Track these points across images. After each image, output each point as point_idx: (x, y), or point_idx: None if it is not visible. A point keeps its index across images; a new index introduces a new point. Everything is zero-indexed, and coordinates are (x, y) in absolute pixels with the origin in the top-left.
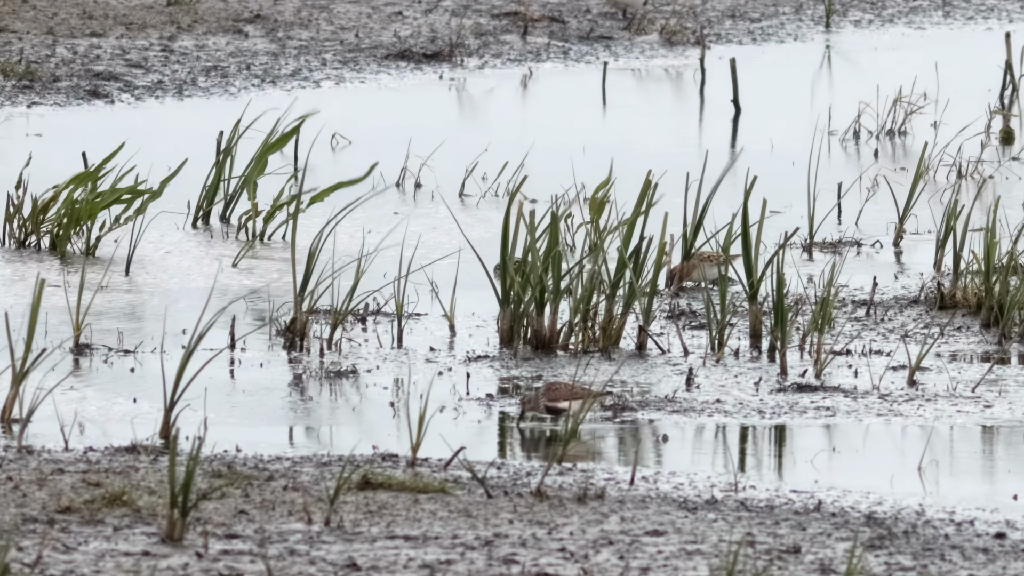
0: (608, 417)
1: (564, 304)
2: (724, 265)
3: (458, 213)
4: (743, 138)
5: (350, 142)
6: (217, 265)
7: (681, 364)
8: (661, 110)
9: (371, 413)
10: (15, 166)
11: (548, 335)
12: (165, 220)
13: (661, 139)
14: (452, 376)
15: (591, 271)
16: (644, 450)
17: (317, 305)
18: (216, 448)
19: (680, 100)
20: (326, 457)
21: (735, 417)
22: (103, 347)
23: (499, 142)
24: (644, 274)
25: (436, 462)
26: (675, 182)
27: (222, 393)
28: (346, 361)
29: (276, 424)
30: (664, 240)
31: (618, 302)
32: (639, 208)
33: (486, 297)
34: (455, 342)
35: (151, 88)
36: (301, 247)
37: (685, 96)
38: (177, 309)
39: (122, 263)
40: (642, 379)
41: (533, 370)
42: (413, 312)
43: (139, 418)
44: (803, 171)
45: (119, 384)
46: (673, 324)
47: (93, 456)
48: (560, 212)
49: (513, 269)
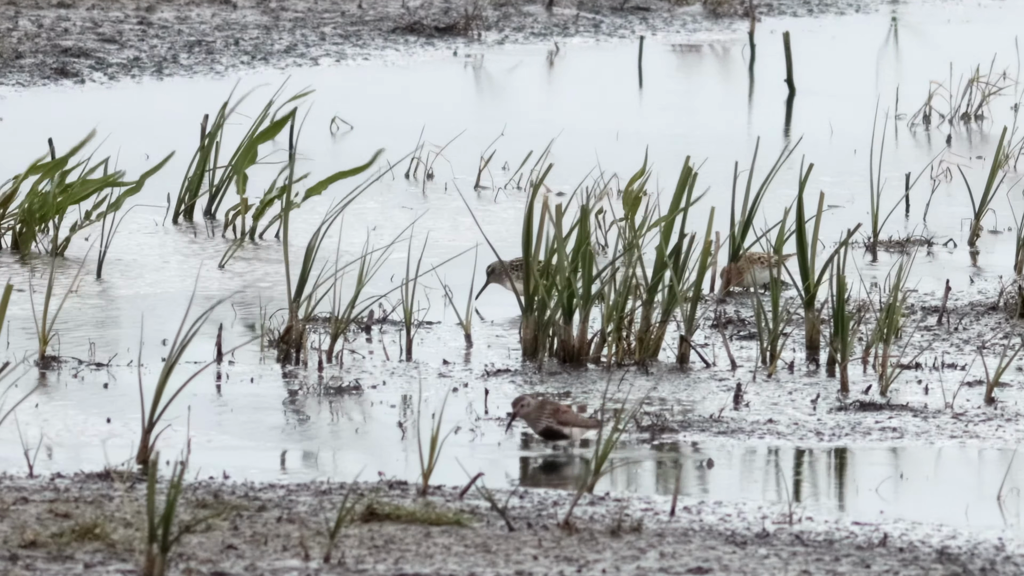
0: (645, 439)
1: (595, 311)
2: (777, 267)
3: (474, 207)
4: (798, 122)
5: (352, 127)
6: (202, 266)
7: (728, 379)
8: (705, 91)
9: (376, 435)
10: None
11: (577, 346)
12: (142, 215)
13: (705, 124)
14: (468, 393)
15: (626, 273)
16: (686, 477)
17: (315, 312)
18: (201, 474)
19: (727, 80)
20: (326, 485)
21: (789, 439)
22: (73, 360)
23: (521, 127)
24: (686, 277)
25: (450, 490)
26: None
27: (208, 412)
28: (348, 376)
29: (269, 447)
30: (709, 238)
31: (656, 309)
32: (680, 202)
33: (506, 303)
34: (472, 354)
35: (127, 66)
36: (296, 246)
37: (732, 75)
38: (156, 317)
39: (94, 265)
40: (684, 396)
41: (560, 385)
42: (424, 320)
43: (113, 440)
44: (866, 160)
45: (91, 402)
46: (719, 334)
47: (61, 483)
48: (590, 206)
49: (537, 271)
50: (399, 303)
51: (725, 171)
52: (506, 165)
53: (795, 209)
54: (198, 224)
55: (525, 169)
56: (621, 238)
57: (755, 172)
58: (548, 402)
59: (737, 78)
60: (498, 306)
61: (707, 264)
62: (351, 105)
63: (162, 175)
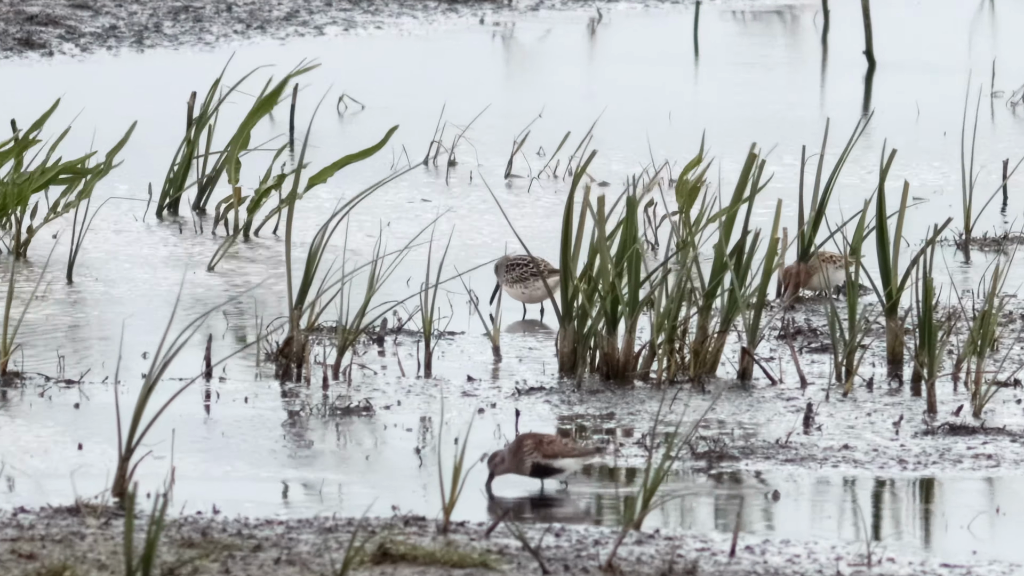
0: (701, 468)
1: (643, 320)
2: (854, 268)
3: (504, 199)
4: (878, 101)
5: (362, 107)
6: (188, 268)
7: (797, 398)
8: (771, 64)
9: (390, 463)
10: None
11: (622, 360)
12: (119, 208)
13: (771, 103)
14: (496, 414)
15: (679, 276)
16: (748, 511)
17: (320, 321)
18: (187, 508)
19: (796, 51)
20: (331, 521)
21: (868, 468)
22: (38, 376)
23: (558, 107)
24: (749, 280)
25: (475, 527)
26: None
27: (195, 436)
28: (358, 394)
29: (266, 477)
30: (775, 235)
31: (714, 317)
32: (742, 193)
33: (541, 309)
34: (500, 369)
35: (102, 36)
36: (299, 244)
37: (803, 46)
38: (135, 326)
39: (63, 266)
40: (746, 418)
41: (603, 406)
42: (446, 330)
43: (86, 469)
44: (957, 144)
45: (59, 424)
46: (787, 346)
47: (25, 519)
48: (638, 198)
49: (577, 274)
50: (416, 311)
51: (793, 157)
52: (541, 150)
53: (875, 201)
54: (184, 219)
55: (563, 155)
56: (674, 235)
57: (828, 158)
58: (527, 437)
59: (808, 49)
60: (532, 312)
61: (773, 265)
62: (361, 81)
63: (143, 162)
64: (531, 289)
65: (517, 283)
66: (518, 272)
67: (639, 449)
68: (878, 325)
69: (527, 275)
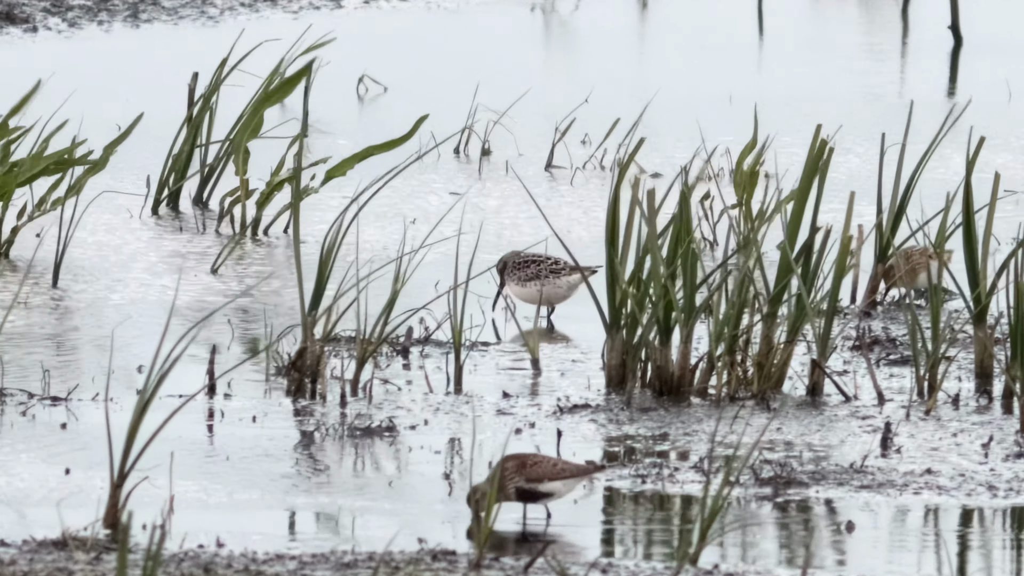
0: (766, 495)
1: (700, 328)
2: (938, 269)
3: (543, 193)
4: (965, 82)
5: (385, 89)
6: (189, 270)
7: (874, 417)
8: (845, 41)
9: (416, 490)
10: None
11: (677, 374)
12: (112, 204)
13: (844, 84)
14: (536, 435)
15: (740, 279)
16: (819, 543)
17: (336, 330)
18: (187, 541)
19: (873, 27)
20: (349, 555)
21: (953, 495)
22: (20, 392)
23: (604, 90)
24: (819, 283)
25: (512, 563)
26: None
27: (196, 460)
28: (379, 412)
29: (276, 506)
30: (848, 233)
31: (780, 325)
32: (810, 185)
33: (586, 317)
34: (540, 384)
35: (92, 9)
36: (312, 244)
37: (880, 21)
38: (129, 336)
39: (48, 268)
40: (816, 439)
41: (655, 425)
42: (478, 340)
43: (74, 497)
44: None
45: (44, 446)
46: (862, 358)
47: (6, 553)
48: (692, 190)
49: (625, 276)
50: (445, 318)
51: (869, 144)
52: (586, 138)
53: (962, 195)
54: (185, 215)
55: (610, 143)
56: (734, 232)
57: (909, 146)
58: (509, 459)
59: (887, 24)
60: (574, 320)
61: (847, 266)
62: (384, 60)
63: (139, 152)
64: (549, 288)
65: (531, 281)
66: (533, 269)
67: (696, 474)
68: (965, 334)
69: (544, 272)
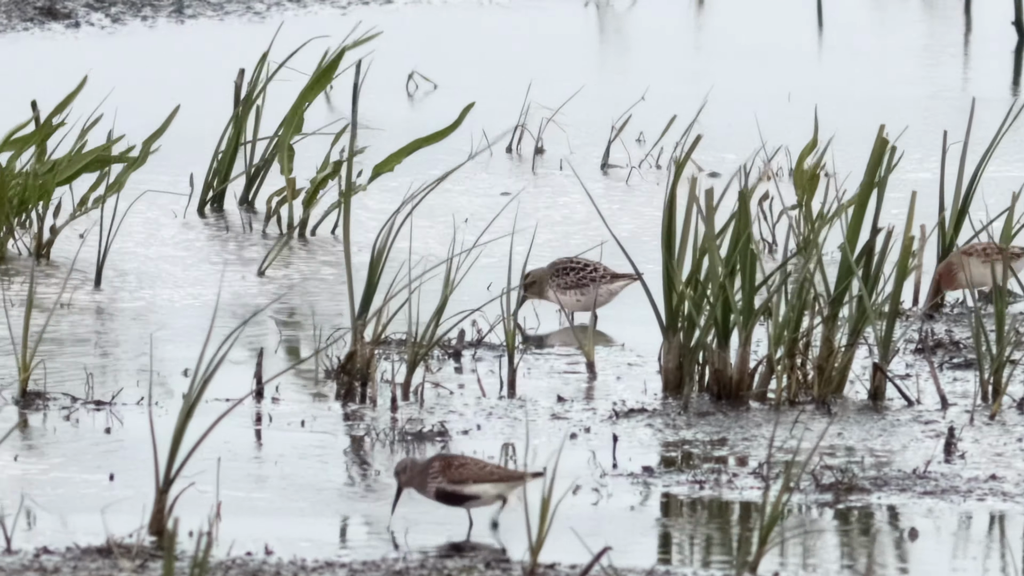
0: (827, 501)
1: (760, 331)
2: (1003, 268)
3: (599, 192)
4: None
5: (435, 86)
6: (234, 271)
7: (937, 421)
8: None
9: None
10: None
11: (736, 378)
12: (157, 204)
13: (905, 80)
14: (591, 440)
15: (800, 281)
16: (881, 551)
17: (387, 333)
18: (235, 549)
19: (935, 22)
20: (401, 563)
21: (1019, 501)
22: (63, 396)
23: (661, 87)
24: (880, 285)
25: (567, 570)
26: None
27: (244, 465)
28: (431, 417)
29: (326, 512)
30: (910, 233)
31: (841, 328)
32: (871, 184)
33: (642, 319)
34: (595, 388)
35: (136, 4)
36: (361, 244)
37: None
38: (174, 339)
39: (91, 270)
40: (878, 444)
41: (713, 430)
42: (532, 343)
43: (118, 504)
44: None
45: (88, 452)
46: (925, 361)
47: (49, 561)
48: (751, 190)
49: (682, 278)
50: (498, 321)
51: (932, 144)
52: (641, 137)
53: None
54: (231, 215)
55: (667, 142)
56: (793, 233)
57: (972, 144)
58: (437, 457)
59: (949, 21)
60: (630, 323)
61: (909, 267)
62: (434, 56)
63: (185, 151)
64: (588, 296)
65: (572, 289)
66: (573, 277)
67: (755, 480)
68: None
69: (585, 280)
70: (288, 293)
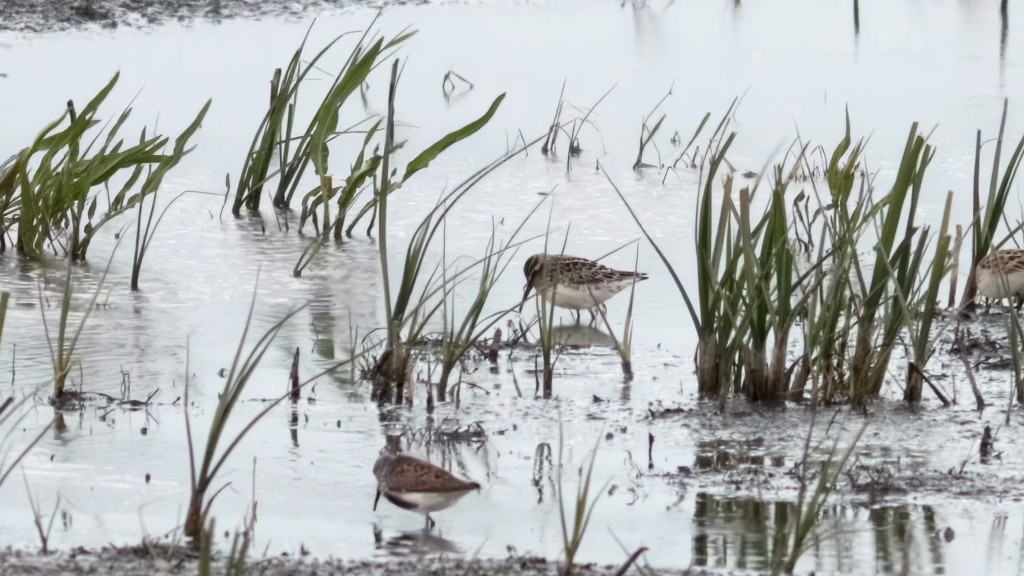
0: (862, 502)
1: (795, 331)
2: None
3: (633, 192)
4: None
5: (471, 86)
6: (271, 272)
7: (973, 422)
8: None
9: (504, 496)
10: None
11: (772, 378)
12: (192, 205)
13: (940, 82)
14: (627, 440)
15: (836, 281)
16: (917, 552)
17: (422, 333)
18: (271, 549)
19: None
20: (437, 563)
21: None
22: (99, 396)
23: (696, 87)
24: (916, 285)
25: (603, 570)
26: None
27: (280, 466)
28: (467, 417)
29: (361, 513)
30: (946, 233)
31: (877, 328)
32: (906, 183)
33: (677, 320)
34: (631, 388)
35: (172, 4)
36: (397, 244)
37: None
38: (210, 339)
39: (127, 270)
40: (914, 444)
41: (749, 430)
42: (568, 343)
43: (154, 504)
44: None
45: (123, 452)
46: (961, 361)
47: (85, 561)
48: (785, 189)
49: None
50: (534, 320)
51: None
52: (676, 137)
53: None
54: (266, 215)
55: (701, 141)
56: (829, 233)
57: (1006, 143)
58: (400, 459)
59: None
60: (665, 323)
61: (944, 267)
62: (471, 56)
63: (220, 151)
64: (603, 291)
65: (586, 284)
66: (586, 272)
67: (791, 480)
68: None
69: (599, 275)
70: (324, 293)
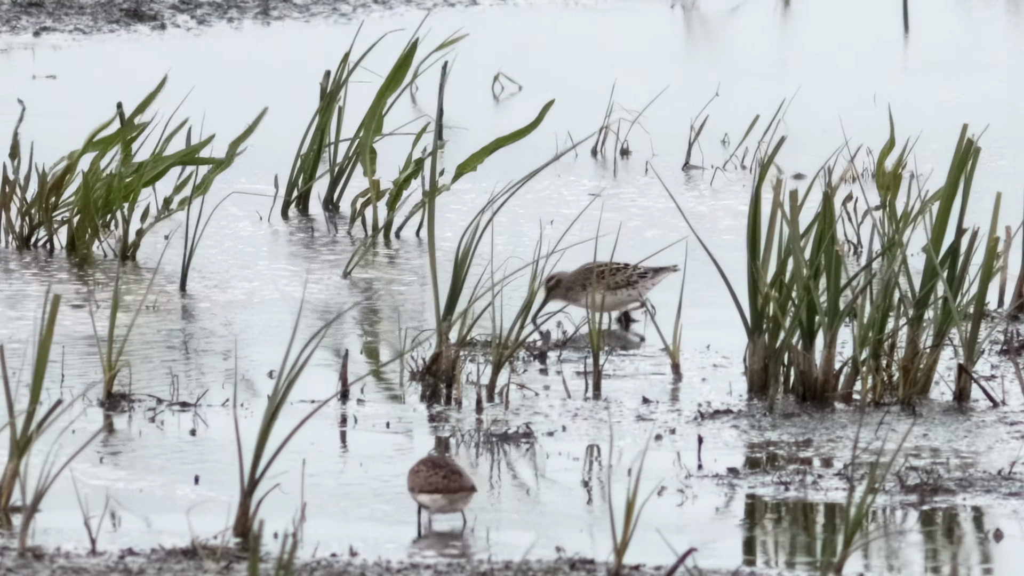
0: (911, 502)
1: (844, 332)
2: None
3: (682, 193)
4: None
5: (520, 87)
6: (321, 274)
7: (1023, 423)
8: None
9: (553, 497)
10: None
11: (821, 379)
12: (241, 206)
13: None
14: (676, 441)
15: (885, 282)
16: (966, 553)
17: (472, 334)
18: (320, 550)
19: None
20: (486, 564)
21: None
22: (148, 398)
23: (745, 88)
24: (965, 286)
25: (652, 571)
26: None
27: (329, 467)
28: (516, 418)
29: (410, 514)
30: (995, 234)
31: (926, 329)
32: (956, 184)
33: (726, 321)
34: (680, 390)
35: (222, 6)
36: (445, 245)
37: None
38: (258, 340)
39: (176, 271)
40: (963, 445)
41: (798, 431)
42: (617, 345)
43: (203, 505)
44: None
45: (172, 454)
46: (1010, 362)
47: (134, 563)
48: (835, 191)
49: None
50: (583, 322)
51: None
52: (726, 138)
53: None
54: (315, 217)
55: (750, 143)
56: (878, 234)
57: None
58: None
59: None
60: (716, 325)
61: (994, 268)
62: (519, 58)
63: (269, 152)
64: (640, 291)
65: (623, 288)
66: (622, 276)
67: (840, 481)
68: None
69: (635, 278)
70: (372, 294)
